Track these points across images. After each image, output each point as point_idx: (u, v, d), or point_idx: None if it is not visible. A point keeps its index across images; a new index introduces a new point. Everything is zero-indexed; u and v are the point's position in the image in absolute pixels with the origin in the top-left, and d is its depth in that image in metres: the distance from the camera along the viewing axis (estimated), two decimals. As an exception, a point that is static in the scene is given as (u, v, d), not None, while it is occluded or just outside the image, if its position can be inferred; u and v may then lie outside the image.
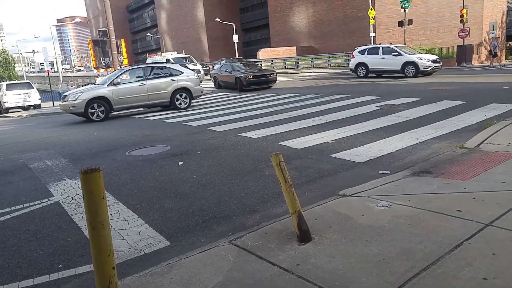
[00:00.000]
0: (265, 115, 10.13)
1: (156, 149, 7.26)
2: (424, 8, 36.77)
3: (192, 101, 14.18)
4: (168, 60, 24.91)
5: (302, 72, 29.78)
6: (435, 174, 4.28)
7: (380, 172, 4.73)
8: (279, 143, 6.71)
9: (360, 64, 20.03)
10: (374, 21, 28.97)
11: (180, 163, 5.99)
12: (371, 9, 28.42)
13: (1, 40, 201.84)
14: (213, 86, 22.44)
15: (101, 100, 12.64)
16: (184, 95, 13.61)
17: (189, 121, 10.43)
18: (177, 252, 3.14)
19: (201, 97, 15.22)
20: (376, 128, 7.27)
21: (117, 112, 13.63)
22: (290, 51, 42.54)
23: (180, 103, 13.56)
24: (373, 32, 29.24)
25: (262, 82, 18.50)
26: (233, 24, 48.04)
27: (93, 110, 12.57)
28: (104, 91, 12.71)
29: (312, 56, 37.23)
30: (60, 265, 3.15)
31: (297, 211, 2.82)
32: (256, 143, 6.92)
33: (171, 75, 13.54)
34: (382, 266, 2.43)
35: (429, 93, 11.57)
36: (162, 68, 13.94)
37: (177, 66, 14.47)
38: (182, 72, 13.79)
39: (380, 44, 22.06)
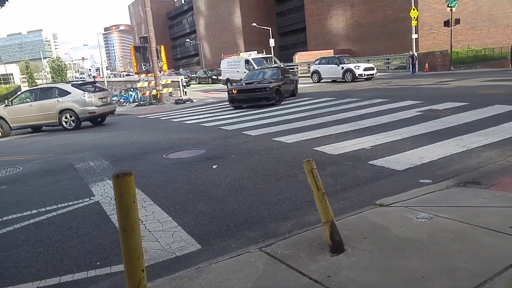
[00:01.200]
0: (300, 119, 10.04)
1: (191, 152, 7.39)
2: (473, 6, 35.06)
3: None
4: (247, 61, 23.21)
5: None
6: (485, 186, 3.97)
7: (421, 181, 4.50)
8: (314, 148, 6.62)
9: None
10: (416, 22, 27.93)
11: (214, 166, 6.06)
12: (414, 9, 27.41)
13: (56, 48, 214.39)
14: None
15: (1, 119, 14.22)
16: (70, 115, 13.75)
17: (224, 125, 10.54)
18: (207, 256, 3.16)
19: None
20: (417, 134, 6.98)
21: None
22: (327, 54, 41.94)
23: (67, 124, 13.80)
24: (415, 33, 28.18)
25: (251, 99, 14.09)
26: (270, 28, 48.22)
27: None
28: (1, 111, 14.35)
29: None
30: (98, 263, 3.27)
31: (330, 220, 2.75)
32: (290, 148, 6.87)
33: (57, 96, 13.84)
34: (420, 284, 2.30)
35: (479, 97, 10.92)
36: (50, 89, 14.30)
37: (67, 87, 14.23)
38: (70, 93, 13.77)
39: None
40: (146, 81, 24.03)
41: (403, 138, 6.75)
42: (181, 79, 25.36)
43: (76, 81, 20.60)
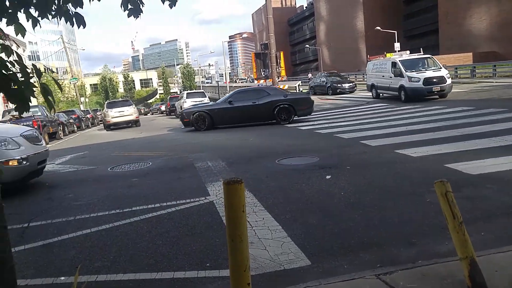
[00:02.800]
0: (429, 130, 8.97)
1: (304, 159, 7.21)
2: None
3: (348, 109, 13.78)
4: (394, 64, 18.15)
5: (479, 81, 25.66)
6: None
7: None
8: (446, 165, 5.73)
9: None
10: None
11: (328, 177, 5.76)
12: None
13: (187, 55, 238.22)
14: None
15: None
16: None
17: (340, 132, 10.12)
18: (317, 274, 2.92)
19: (349, 108, 14.54)
20: None
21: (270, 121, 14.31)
22: (464, 58, 37.51)
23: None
24: None
25: None
26: (395, 32, 45.48)
27: None
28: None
29: (495, 63, 31.48)
30: (208, 264, 3.30)
31: (469, 256, 2.26)
32: (416, 162, 6.16)
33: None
34: None
35: None
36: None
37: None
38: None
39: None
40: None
41: None
42: (298, 85, 25.52)
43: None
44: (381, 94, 20.44)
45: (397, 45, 41.05)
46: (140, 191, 6.01)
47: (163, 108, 45.93)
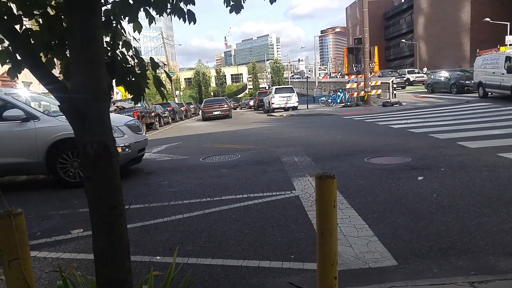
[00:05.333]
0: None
1: (395, 159, 6.94)
2: None
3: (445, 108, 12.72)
4: (508, 59, 16.02)
5: None
6: None
7: None
8: (559, 172, 5.16)
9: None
10: None
11: (420, 178, 5.49)
12: None
13: (277, 51, 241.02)
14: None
15: None
16: None
17: (435, 132, 9.49)
18: (403, 275, 2.87)
19: (446, 107, 13.27)
20: None
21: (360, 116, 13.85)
22: None
23: None
24: None
25: None
26: (508, 23, 40.65)
27: None
28: None
29: None
30: (292, 256, 3.40)
31: None
32: (523, 168, 5.58)
33: None
34: None
35: None
36: None
37: None
38: None
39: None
40: (356, 82, 24.13)
41: None
42: (391, 81, 24.31)
43: None
44: (489, 93, 18.04)
45: (508, 38, 36.68)
46: (229, 181, 6.34)
47: (251, 103, 47.20)
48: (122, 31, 1.82)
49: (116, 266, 1.33)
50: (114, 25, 1.69)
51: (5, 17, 1.40)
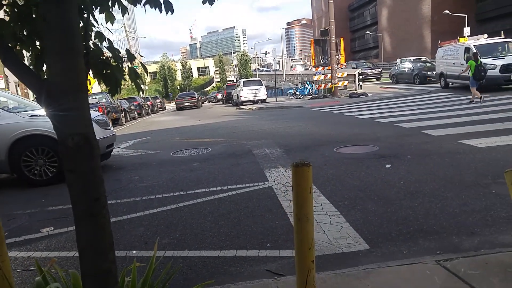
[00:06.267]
0: (499, 120, 8.49)
1: (364, 148, 7.16)
2: None
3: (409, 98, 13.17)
4: (467, 49, 16.29)
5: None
6: None
7: None
8: (515, 156, 5.50)
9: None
10: None
11: (388, 166, 5.71)
12: None
13: (244, 43, 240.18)
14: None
15: None
16: None
17: (400, 122, 9.84)
18: (375, 258, 3.00)
19: (410, 97, 13.81)
20: None
21: (335, 108, 14.10)
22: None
23: None
24: None
25: None
26: (465, 15, 42.39)
27: None
28: None
29: None
30: (268, 244, 3.48)
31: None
32: (482, 153, 5.91)
33: None
34: None
35: None
36: None
37: None
38: None
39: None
40: (323, 74, 24.48)
41: None
42: (357, 72, 24.86)
43: None
44: (450, 84, 18.63)
45: (466, 30, 38.29)
46: (202, 175, 6.34)
47: (219, 96, 46.91)
48: (94, 22, 1.78)
49: (100, 257, 1.33)
50: (86, 15, 1.66)
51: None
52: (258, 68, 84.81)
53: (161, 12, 1.76)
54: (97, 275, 1.34)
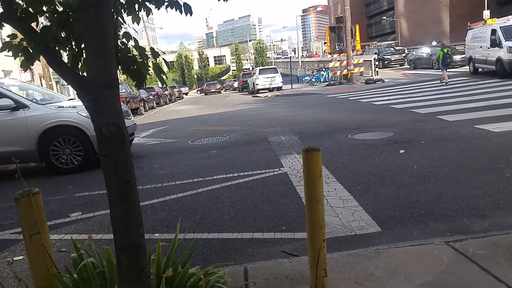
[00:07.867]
0: (515, 105, 8.41)
1: (378, 134, 7.22)
2: None
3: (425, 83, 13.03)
4: (493, 31, 15.02)
5: None
6: None
7: None
8: (531, 141, 5.48)
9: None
10: None
11: (402, 151, 5.77)
12: None
13: (260, 31, 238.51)
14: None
15: None
16: None
17: (416, 107, 9.80)
18: (387, 240, 3.12)
19: (426, 82, 13.65)
20: None
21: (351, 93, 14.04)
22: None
23: None
24: None
25: None
26: (486, -3, 41.03)
27: None
28: None
29: None
30: (283, 227, 3.63)
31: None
32: (497, 138, 5.90)
33: None
34: None
35: None
36: None
37: None
38: None
39: None
40: (339, 60, 24.28)
41: None
42: (373, 58, 24.56)
43: None
44: (479, 69, 17.16)
45: (486, 13, 37.09)
46: (219, 162, 6.52)
47: (235, 84, 47.04)
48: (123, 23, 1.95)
49: (132, 232, 1.51)
50: (115, 17, 1.82)
51: (23, 15, 1.53)
52: (274, 56, 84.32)
53: (181, 14, 1.91)
54: (129, 247, 1.52)
